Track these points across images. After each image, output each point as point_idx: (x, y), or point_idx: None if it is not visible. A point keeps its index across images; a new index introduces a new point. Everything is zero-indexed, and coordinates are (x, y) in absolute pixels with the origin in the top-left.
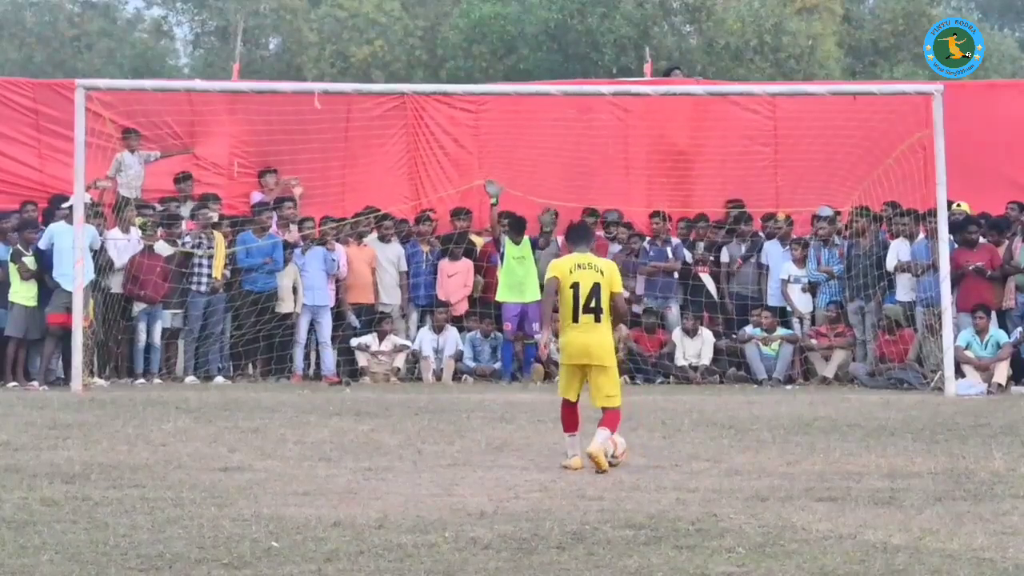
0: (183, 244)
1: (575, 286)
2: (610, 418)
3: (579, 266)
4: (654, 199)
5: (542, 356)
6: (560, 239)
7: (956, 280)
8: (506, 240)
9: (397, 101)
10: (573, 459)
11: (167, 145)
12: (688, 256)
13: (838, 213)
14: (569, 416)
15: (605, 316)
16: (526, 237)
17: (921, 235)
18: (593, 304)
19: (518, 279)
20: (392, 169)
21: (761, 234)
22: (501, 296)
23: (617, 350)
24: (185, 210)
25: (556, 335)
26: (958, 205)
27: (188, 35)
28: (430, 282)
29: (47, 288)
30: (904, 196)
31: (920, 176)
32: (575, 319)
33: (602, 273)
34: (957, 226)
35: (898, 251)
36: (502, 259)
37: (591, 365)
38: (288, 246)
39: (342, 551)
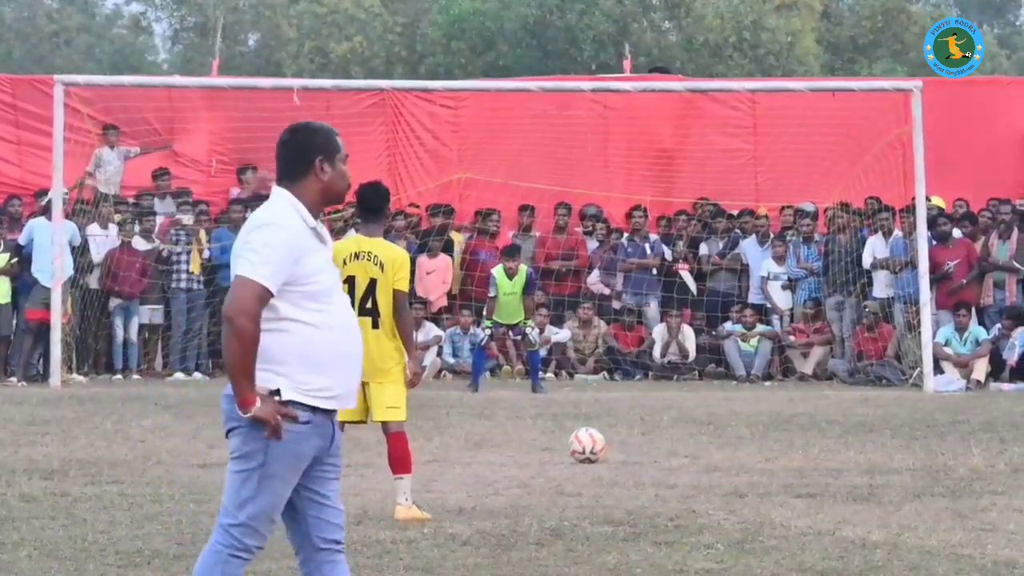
0: (159, 246)
1: (350, 280)
2: (398, 449)
3: (356, 255)
4: (634, 195)
5: None
6: (537, 235)
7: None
8: (498, 273)
9: (377, 97)
10: None
11: (146, 141)
12: (668, 253)
13: (824, 210)
14: None
15: (385, 320)
16: (526, 269)
17: (897, 231)
18: (369, 305)
19: (507, 312)
20: (372, 165)
21: (738, 231)
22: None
23: (596, 347)
24: (161, 206)
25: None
26: (931, 200)
27: (167, 31)
28: None
29: (27, 283)
30: (883, 193)
31: (899, 173)
32: None
33: (382, 267)
34: (930, 221)
35: (874, 248)
36: (494, 288)
37: (370, 382)
38: None
39: None
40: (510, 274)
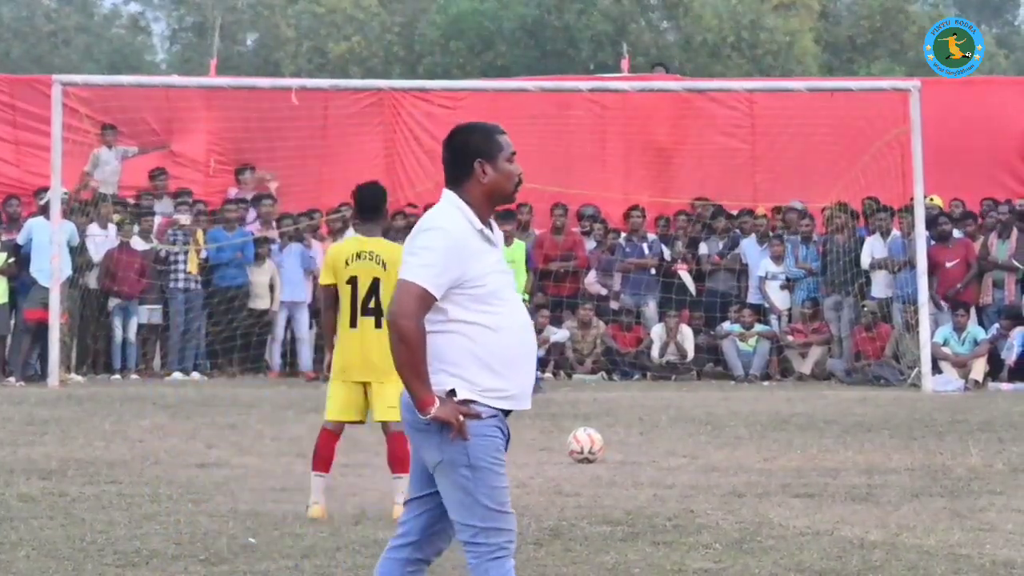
0: (157, 246)
1: (352, 281)
2: (398, 449)
3: (358, 256)
4: (632, 195)
5: None
6: (537, 232)
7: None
8: None
9: (375, 97)
10: (315, 507)
11: (145, 141)
12: (666, 253)
13: (821, 209)
14: (326, 449)
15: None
16: (521, 243)
17: (895, 231)
18: (372, 304)
19: None
20: (370, 165)
21: (737, 231)
22: None
23: (594, 348)
24: (160, 206)
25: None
26: (931, 199)
27: (165, 31)
28: None
29: (25, 283)
30: (881, 192)
31: (898, 172)
32: (352, 323)
33: (384, 266)
34: (930, 221)
35: (873, 248)
36: None
37: (372, 382)
38: (265, 242)
39: (319, 547)
40: (506, 239)
